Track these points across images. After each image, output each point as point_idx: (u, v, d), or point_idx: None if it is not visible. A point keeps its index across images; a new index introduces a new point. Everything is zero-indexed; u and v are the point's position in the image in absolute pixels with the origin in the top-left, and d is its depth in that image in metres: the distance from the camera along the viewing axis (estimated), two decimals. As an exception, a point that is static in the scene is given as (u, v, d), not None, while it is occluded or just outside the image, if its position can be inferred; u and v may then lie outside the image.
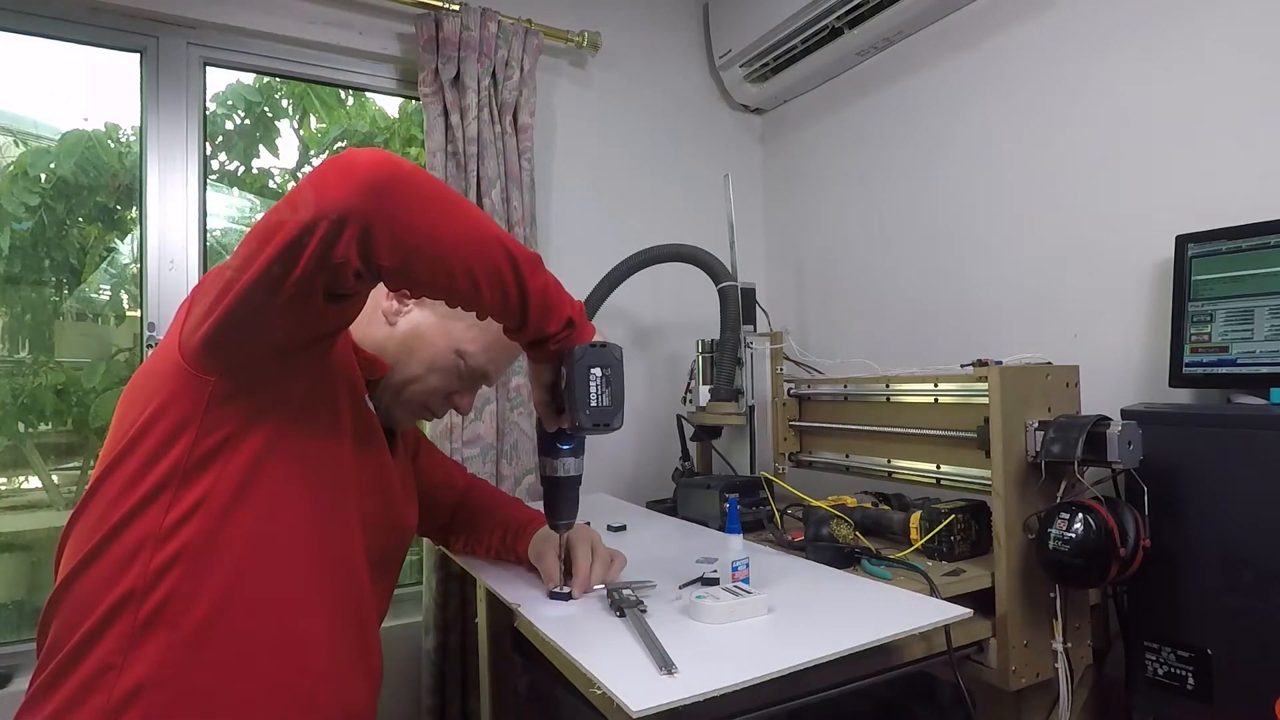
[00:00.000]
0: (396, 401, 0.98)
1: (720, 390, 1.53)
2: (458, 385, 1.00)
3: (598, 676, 0.76)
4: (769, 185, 2.41)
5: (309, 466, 0.81)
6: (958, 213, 1.77)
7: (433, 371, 0.97)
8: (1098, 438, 1.05)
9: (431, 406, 1.01)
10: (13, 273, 1.69)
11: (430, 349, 0.96)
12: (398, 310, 0.96)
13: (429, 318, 0.96)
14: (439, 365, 0.97)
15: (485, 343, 0.98)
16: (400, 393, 0.97)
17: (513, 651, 1.54)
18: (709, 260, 1.65)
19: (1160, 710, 1.15)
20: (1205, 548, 1.08)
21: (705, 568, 1.08)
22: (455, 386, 1.00)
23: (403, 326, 0.96)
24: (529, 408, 1.83)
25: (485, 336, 0.97)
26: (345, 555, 0.87)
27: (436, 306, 0.96)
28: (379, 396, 0.97)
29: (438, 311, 0.96)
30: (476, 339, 0.97)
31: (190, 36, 1.69)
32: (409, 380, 0.97)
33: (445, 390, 1.00)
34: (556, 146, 2.07)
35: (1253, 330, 1.16)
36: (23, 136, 1.75)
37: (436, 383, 0.98)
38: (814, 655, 0.80)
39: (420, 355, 0.96)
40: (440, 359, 0.97)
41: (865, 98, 2.03)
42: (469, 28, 1.77)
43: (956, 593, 1.08)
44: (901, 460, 1.41)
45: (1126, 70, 1.44)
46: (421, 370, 0.96)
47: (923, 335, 1.85)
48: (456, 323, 0.96)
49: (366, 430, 0.91)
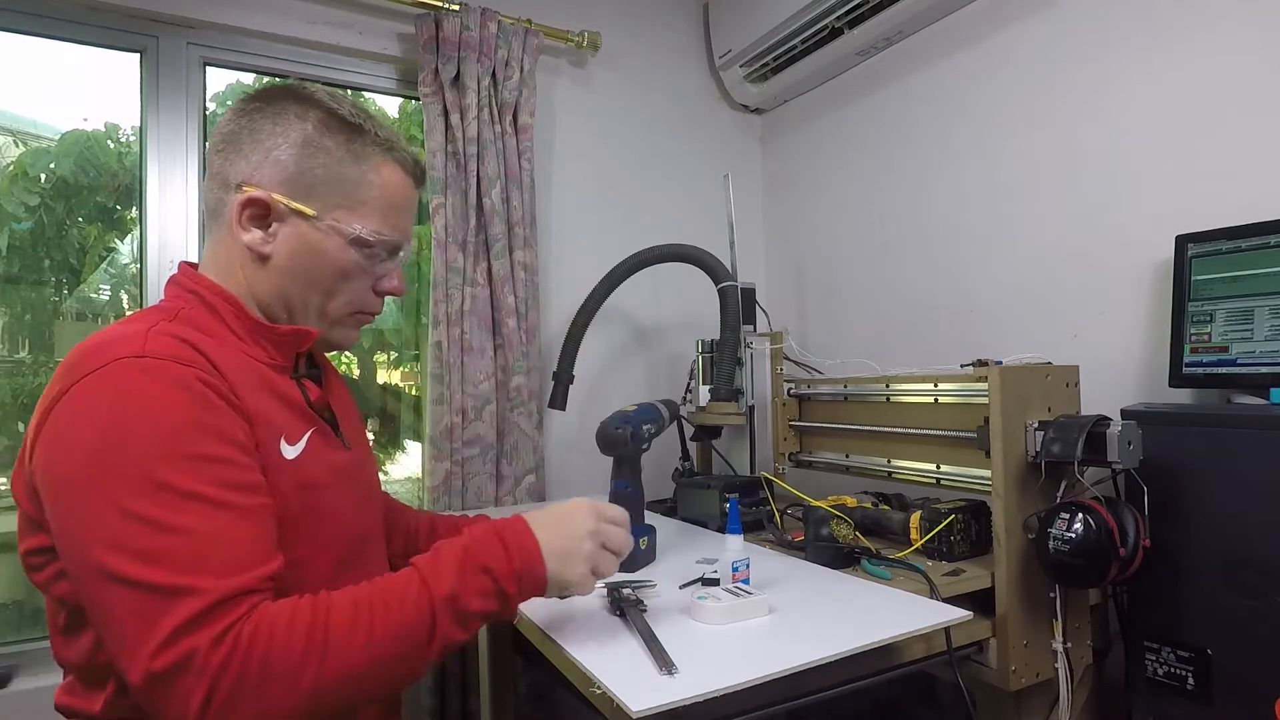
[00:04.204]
0: (329, 326, 0.87)
1: (720, 390, 1.53)
2: (377, 272, 0.87)
3: (598, 676, 0.76)
4: (769, 185, 2.41)
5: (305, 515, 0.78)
6: (958, 212, 1.77)
7: (342, 278, 0.84)
8: (1098, 438, 1.05)
9: (365, 310, 0.89)
10: (12, 273, 1.69)
11: (324, 257, 0.82)
12: (263, 239, 0.81)
13: (301, 226, 0.81)
14: (344, 267, 0.83)
15: (378, 215, 0.84)
16: (325, 316, 0.86)
17: (513, 651, 1.54)
18: (709, 260, 1.65)
19: (1160, 710, 1.15)
20: (1205, 548, 1.08)
21: (705, 568, 1.08)
22: (374, 276, 0.87)
23: (281, 252, 0.81)
24: (529, 407, 1.83)
25: (373, 207, 0.84)
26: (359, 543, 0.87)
27: (305, 203, 0.80)
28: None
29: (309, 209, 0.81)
30: (366, 215, 0.83)
31: (190, 36, 1.69)
32: (325, 299, 0.85)
33: (367, 286, 0.87)
34: (556, 146, 2.06)
35: (1253, 330, 1.16)
36: (22, 136, 1.75)
37: (353, 285, 0.86)
38: (814, 656, 0.81)
39: (318, 269, 0.83)
40: (341, 260, 0.83)
41: (865, 98, 2.03)
42: (469, 28, 1.77)
43: (956, 593, 1.08)
44: (901, 460, 1.41)
45: (1127, 70, 1.44)
46: (331, 282, 0.84)
47: (923, 335, 1.85)
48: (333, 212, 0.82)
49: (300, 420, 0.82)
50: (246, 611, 0.64)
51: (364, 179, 0.83)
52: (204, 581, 0.62)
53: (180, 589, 0.62)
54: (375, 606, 0.68)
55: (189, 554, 0.63)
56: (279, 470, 0.75)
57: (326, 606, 0.67)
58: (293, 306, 0.84)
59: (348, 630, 0.66)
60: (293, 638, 0.64)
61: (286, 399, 0.81)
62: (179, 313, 0.78)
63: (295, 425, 0.80)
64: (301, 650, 0.64)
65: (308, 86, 0.85)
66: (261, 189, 0.79)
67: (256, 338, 0.82)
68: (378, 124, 0.85)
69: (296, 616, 0.65)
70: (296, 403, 0.83)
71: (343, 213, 0.82)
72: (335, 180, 0.81)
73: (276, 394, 0.80)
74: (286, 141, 0.80)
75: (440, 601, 0.70)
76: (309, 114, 0.81)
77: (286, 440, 0.78)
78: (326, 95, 0.84)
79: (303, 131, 0.81)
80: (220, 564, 0.64)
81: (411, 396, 2.23)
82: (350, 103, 0.85)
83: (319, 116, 0.82)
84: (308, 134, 0.81)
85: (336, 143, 0.82)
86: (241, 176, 0.80)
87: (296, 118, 0.81)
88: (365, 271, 0.85)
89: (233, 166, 0.81)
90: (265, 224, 0.81)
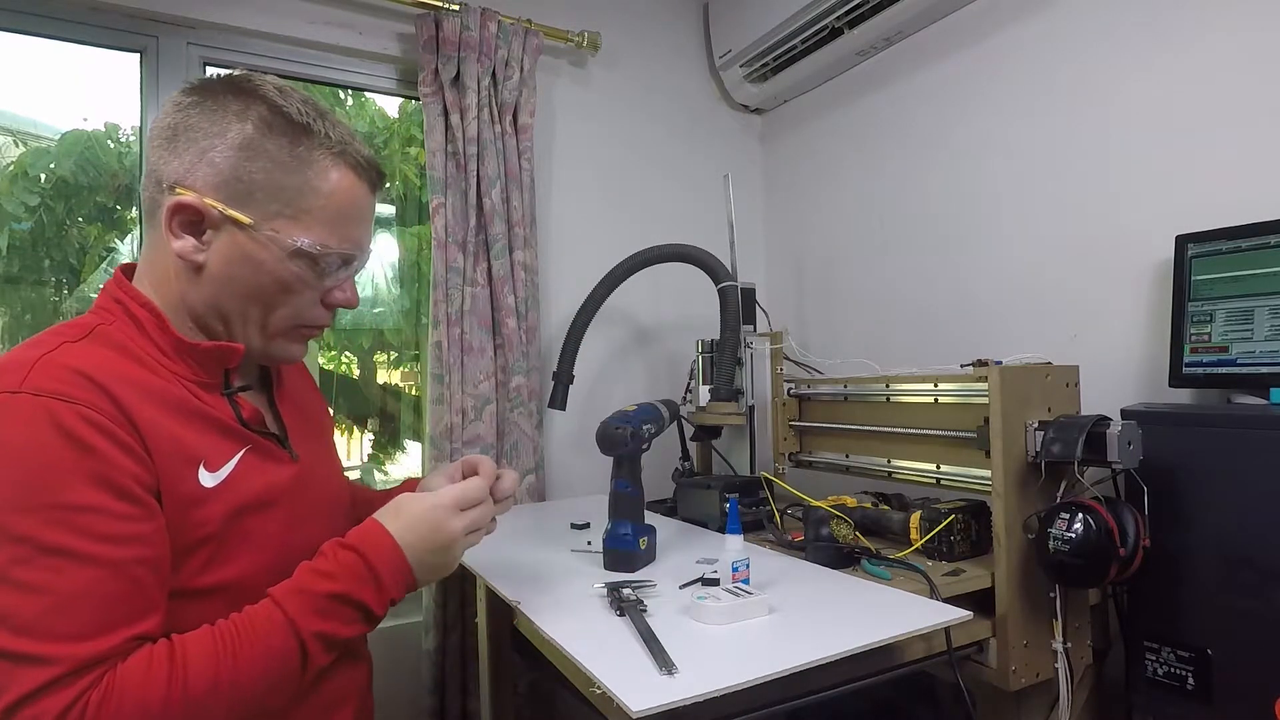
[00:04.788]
0: (268, 341, 0.80)
1: (720, 390, 1.53)
2: (323, 284, 0.80)
3: (598, 676, 0.76)
4: (769, 185, 2.41)
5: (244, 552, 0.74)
6: (958, 212, 1.77)
7: (283, 291, 0.77)
8: (1098, 438, 1.05)
9: (310, 324, 0.82)
10: (12, 273, 1.69)
11: (262, 269, 0.75)
12: (195, 247, 0.74)
13: (238, 235, 0.74)
14: (285, 280, 0.76)
15: (325, 226, 0.77)
16: (265, 330, 0.79)
17: (513, 651, 1.54)
18: (709, 260, 1.65)
19: (1160, 710, 1.15)
20: (1205, 548, 1.08)
21: (705, 568, 1.08)
22: (321, 287, 0.80)
23: (215, 262, 0.74)
24: (529, 407, 1.83)
25: (318, 217, 0.76)
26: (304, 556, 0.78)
27: (242, 210, 0.73)
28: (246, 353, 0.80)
29: (246, 217, 0.73)
30: (311, 226, 0.76)
31: (190, 36, 1.69)
32: (265, 312, 0.78)
33: (313, 299, 0.80)
34: (556, 146, 2.06)
35: (1253, 330, 1.16)
36: (23, 136, 1.75)
37: (297, 298, 0.78)
38: (814, 656, 0.81)
39: (257, 282, 0.75)
40: (281, 273, 0.76)
41: (865, 98, 2.03)
42: (469, 28, 1.77)
43: (956, 593, 1.08)
44: (901, 460, 1.41)
45: (1127, 70, 1.44)
46: (271, 295, 0.77)
47: (923, 335, 1.85)
48: (273, 221, 0.74)
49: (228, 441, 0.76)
50: (99, 677, 0.60)
51: (308, 186, 0.75)
52: (55, 649, 0.58)
53: (27, 657, 0.58)
54: (238, 652, 0.65)
55: (42, 616, 0.59)
56: (198, 502, 0.70)
57: (184, 660, 0.63)
58: (229, 319, 0.77)
59: (209, 686, 0.63)
60: (147, 703, 0.60)
61: (212, 420, 0.75)
62: (94, 329, 0.73)
63: (221, 448, 0.74)
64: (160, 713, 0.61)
65: (254, 79, 0.77)
66: (195, 193, 0.72)
67: (180, 355, 0.75)
68: (330, 123, 0.77)
69: (151, 678, 0.61)
70: (224, 423, 0.76)
71: (284, 222, 0.75)
72: (276, 187, 0.74)
73: (200, 416, 0.74)
74: (223, 142, 0.73)
75: (310, 638, 0.69)
76: (250, 112, 0.74)
77: (207, 467, 0.72)
78: (274, 90, 0.76)
79: (241, 132, 0.73)
80: (78, 627, 0.60)
81: (411, 396, 2.23)
82: (301, 98, 0.77)
83: (261, 115, 0.74)
84: (247, 135, 0.73)
85: (279, 145, 0.74)
86: (175, 177, 0.73)
87: (236, 116, 0.74)
88: (310, 285, 0.78)
89: (166, 165, 0.74)
90: (199, 231, 0.74)
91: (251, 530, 0.74)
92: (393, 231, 2.22)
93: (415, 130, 2.13)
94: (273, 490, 0.78)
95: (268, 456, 0.80)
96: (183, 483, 0.69)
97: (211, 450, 0.73)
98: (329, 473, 0.92)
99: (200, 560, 0.70)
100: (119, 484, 0.64)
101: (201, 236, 0.74)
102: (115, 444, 0.64)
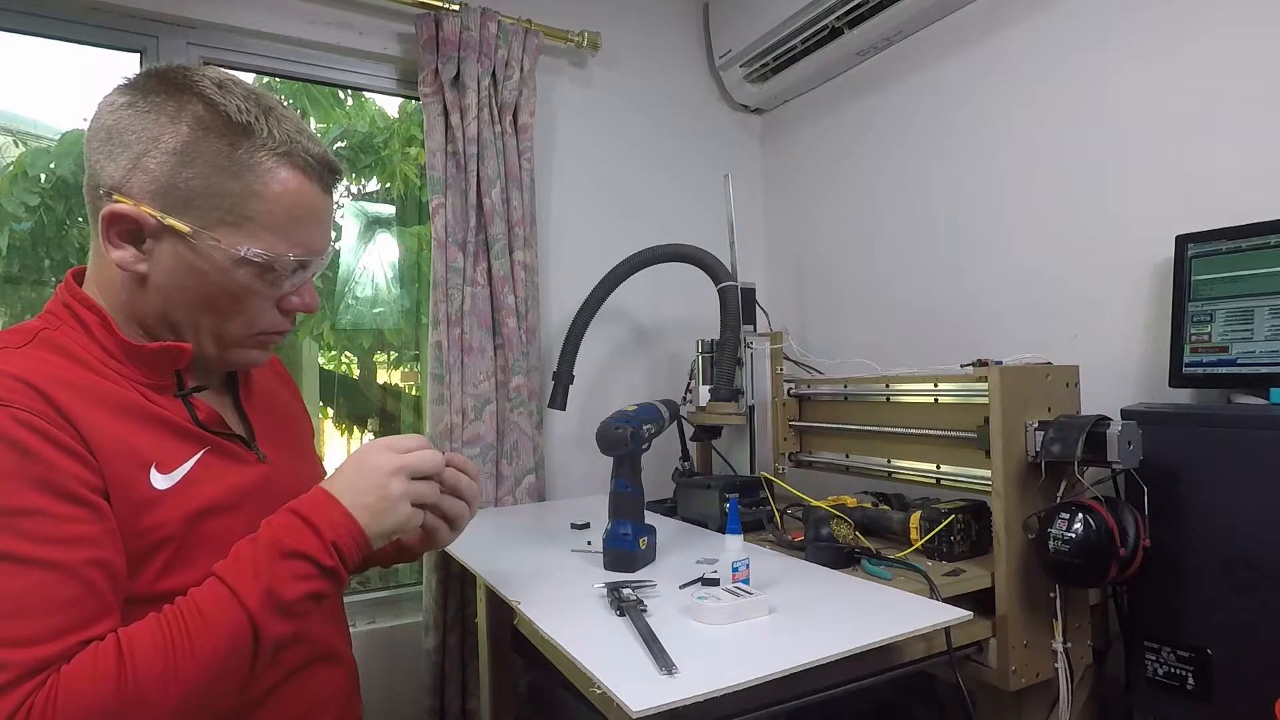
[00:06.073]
0: (225, 349, 0.77)
1: (720, 390, 1.53)
2: (278, 290, 0.76)
3: (598, 676, 0.76)
4: (769, 185, 2.41)
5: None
6: (958, 212, 1.77)
7: (232, 300, 0.74)
8: (1098, 438, 1.06)
9: (269, 330, 0.79)
10: (12, 273, 1.69)
11: (207, 279, 0.72)
12: (136, 257, 0.71)
13: (179, 244, 0.70)
14: (232, 290, 0.73)
15: (272, 231, 0.73)
16: (221, 339, 0.76)
17: (513, 651, 1.55)
18: (709, 260, 1.65)
19: (1160, 710, 1.15)
20: (1205, 548, 1.08)
21: (705, 568, 1.08)
22: (275, 294, 0.76)
23: (158, 272, 0.72)
24: (529, 407, 1.83)
25: (264, 223, 0.72)
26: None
27: (181, 219, 0.70)
28: (199, 361, 0.77)
29: (184, 225, 0.70)
30: (256, 232, 0.72)
31: (190, 36, 1.69)
32: (218, 321, 0.75)
33: (268, 305, 0.77)
34: (556, 146, 2.06)
35: (1253, 330, 1.16)
36: (23, 136, 1.75)
37: (250, 306, 0.75)
38: (814, 656, 0.81)
39: (203, 292, 0.72)
40: (227, 283, 0.72)
41: (865, 98, 2.03)
42: (469, 28, 1.77)
43: (956, 593, 1.08)
44: (901, 460, 1.41)
45: (1127, 70, 1.44)
46: (221, 305, 0.74)
47: (923, 335, 1.85)
48: (214, 229, 0.71)
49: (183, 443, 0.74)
50: (45, 679, 0.57)
51: (250, 190, 0.71)
52: (2, 655, 0.56)
53: None
54: (187, 636, 0.63)
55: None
56: (151, 504, 0.68)
57: (130, 652, 0.60)
58: (180, 330, 0.75)
59: (160, 675, 0.61)
60: (98, 699, 0.58)
61: (165, 422, 0.72)
62: (38, 334, 0.71)
63: (175, 450, 0.72)
64: (112, 709, 0.59)
65: (191, 75, 0.72)
66: (131, 200, 0.69)
67: (128, 357, 0.73)
68: (276, 119, 0.73)
69: (98, 674, 0.59)
70: (179, 424, 0.74)
71: (226, 230, 0.71)
72: (215, 193, 0.70)
73: (150, 419, 0.71)
74: (157, 148, 0.69)
75: (256, 606, 0.65)
76: (184, 113, 0.70)
77: (159, 469, 0.70)
78: (212, 87, 0.71)
79: (176, 136, 0.69)
80: (27, 632, 0.58)
81: (411, 396, 2.23)
82: (243, 93, 0.72)
83: (197, 116, 0.70)
84: (182, 139, 0.69)
85: (216, 149, 0.70)
86: (111, 183, 0.70)
87: (170, 119, 0.70)
88: (260, 293, 0.75)
89: (103, 170, 0.70)
90: (138, 240, 0.70)
91: (213, 533, 0.72)
92: (393, 231, 2.22)
93: (415, 130, 2.13)
94: (235, 492, 0.76)
95: (230, 458, 0.77)
96: (133, 485, 0.68)
97: (164, 452, 0.71)
98: (305, 475, 0.87)
99: (159, 564, 0.68)
100: (62, 486, 0.62)
101: (141, 246, 0.71)
102: (55, 446, 0.63)
